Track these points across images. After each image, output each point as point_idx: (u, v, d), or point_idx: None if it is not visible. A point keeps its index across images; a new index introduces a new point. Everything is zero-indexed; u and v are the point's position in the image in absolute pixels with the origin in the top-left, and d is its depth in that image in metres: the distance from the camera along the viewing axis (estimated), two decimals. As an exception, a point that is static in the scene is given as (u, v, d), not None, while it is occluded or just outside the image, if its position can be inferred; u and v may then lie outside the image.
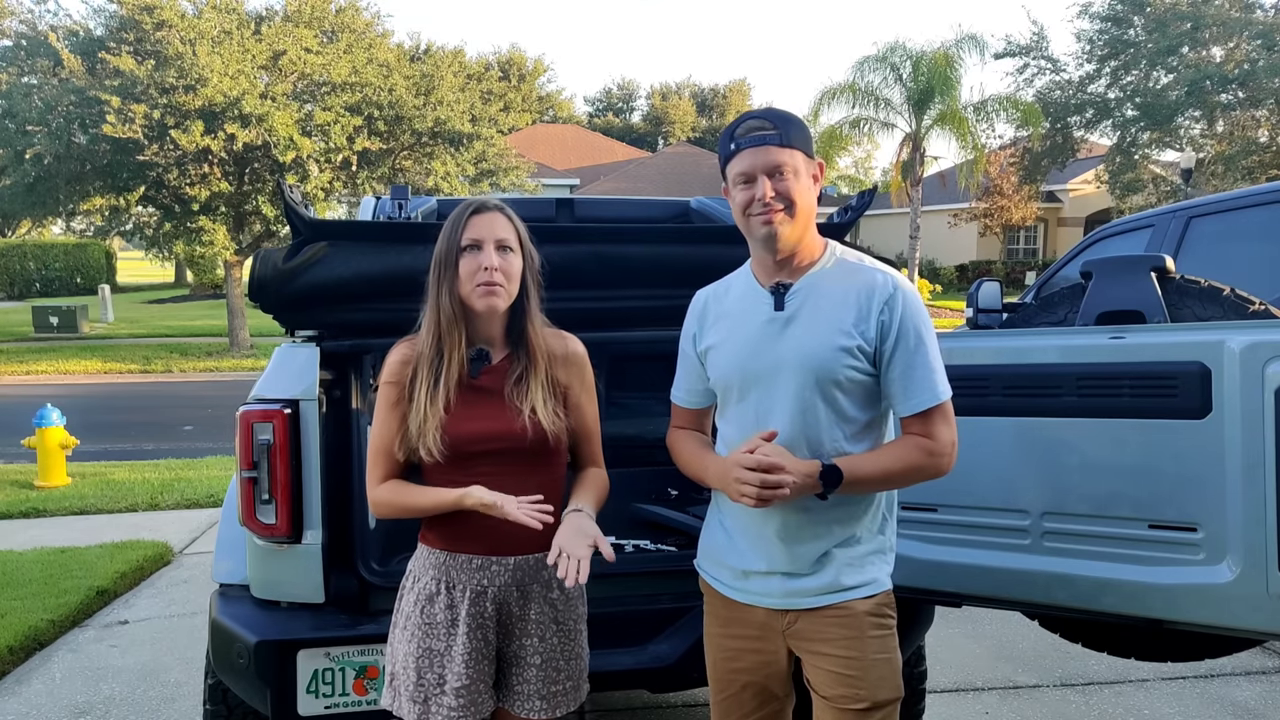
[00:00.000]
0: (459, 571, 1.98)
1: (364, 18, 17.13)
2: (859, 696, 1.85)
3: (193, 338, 19.32)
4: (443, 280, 1.97)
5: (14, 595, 4.73)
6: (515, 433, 1.97)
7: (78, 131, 14.06)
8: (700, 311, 2.05)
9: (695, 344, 2.04)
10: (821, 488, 1.80)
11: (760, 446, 1.80)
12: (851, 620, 1.87)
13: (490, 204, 2.01)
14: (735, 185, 1.88)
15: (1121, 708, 3.62)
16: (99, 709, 3.69)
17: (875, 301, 1.85)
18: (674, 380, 2.12)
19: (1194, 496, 2.08)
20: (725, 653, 2.01)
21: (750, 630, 1.96)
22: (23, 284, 31.76)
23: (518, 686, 2.02)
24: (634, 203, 4.70)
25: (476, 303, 1.96)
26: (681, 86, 57.83)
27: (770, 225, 1.83)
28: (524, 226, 2.04)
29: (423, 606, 1.99)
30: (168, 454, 8.77)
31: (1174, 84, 22.04)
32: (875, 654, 1.87)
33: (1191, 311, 2.50)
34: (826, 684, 1.88)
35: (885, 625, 1.91)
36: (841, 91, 24.48)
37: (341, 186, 16.34)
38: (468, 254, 1.95)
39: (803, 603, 1.90)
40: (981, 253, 32.40)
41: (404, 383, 1.99)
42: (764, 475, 1.76)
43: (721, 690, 2.04)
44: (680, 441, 2.09)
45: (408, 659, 1.98)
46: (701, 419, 2.11)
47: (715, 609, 2.04)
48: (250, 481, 2.36)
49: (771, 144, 1.83)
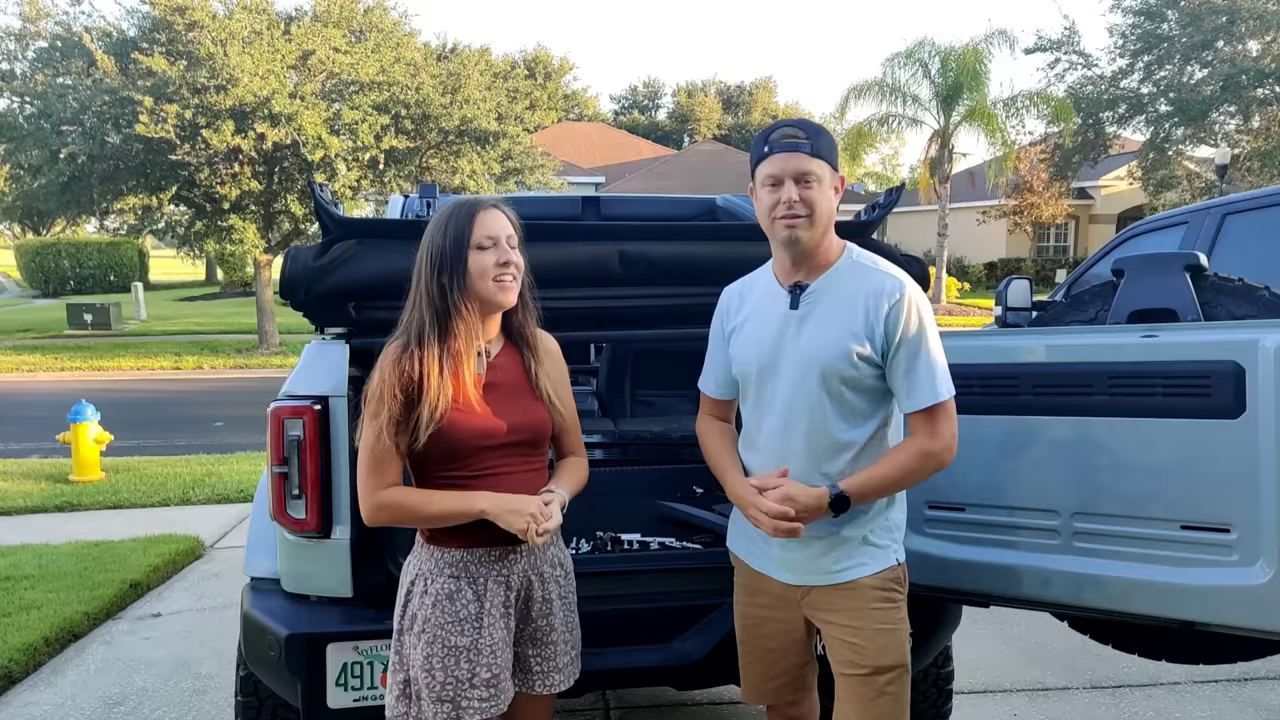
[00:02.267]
0: (479, 565, 2.00)
1: (391, 17, 17.22)
2: (862, 663, 2.01)
3: (223, 335, 19.54)
4: (453, 276, 1.95)
5: (49, 588, 4.82)
6: (522, 425, 2.02)
7: (111, 131, 14.24)
8: (728, 305, 2.20)
9: (723, 335, 2.19)
10: (833, 515, 1.97)
11: (772, 489, 1.98)
12: (857, 593, 2.03)
13: (492, 201, 2.04)
14: (763, 187, 2.01)
15: (1152, 710, 3.57)
16: (132, 700, 3.75)
17: (883, 304, 1.97)
18: (703, 369, 2.25)
19: (1227, 497, 2.05)
20: (750, 619, 2.20)
21: (771, 600, 2.15)
22: (57, 282, 32.25)
23: (537, 666, 2.08)
24: (660, 200, 4.70)
25: (498, 297, 1.98)
26: (707, 84, 57.73)
27: (792, 229, 1.97)
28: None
29: (443, 606, 1.98)
30: (199, 449, 8.88)
31: (1209, 79, 21.66)
32: (878, 624, 2.02)
33: (1226, 310, 2.47)
34: (834, 651, 2.06)
35: (890, 599, 2.05)
36: (869, 88, 24.32)
37: (369, 185, 16.43)
38: (481, 251, 1.96)
39: (815, 579, 2.07)
40: (1011, 250, 32.08)
41: (401, 386, 1.94)
42: (778, 523, 1.95)
43: (747, 654, 2.23)
44: (708, 435, 2.23)
45: (430, 660, 1.97)
46: (728, 408, 2.26)
47: (741, 578, 2.23)
48: (281, 477, 2.39)
49: (802, 151, 1.97)
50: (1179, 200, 23.07)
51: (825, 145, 1.99)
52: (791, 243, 1.98)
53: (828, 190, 1.98)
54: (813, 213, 1.95)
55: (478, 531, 1.99)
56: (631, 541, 2.78)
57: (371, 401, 1.96)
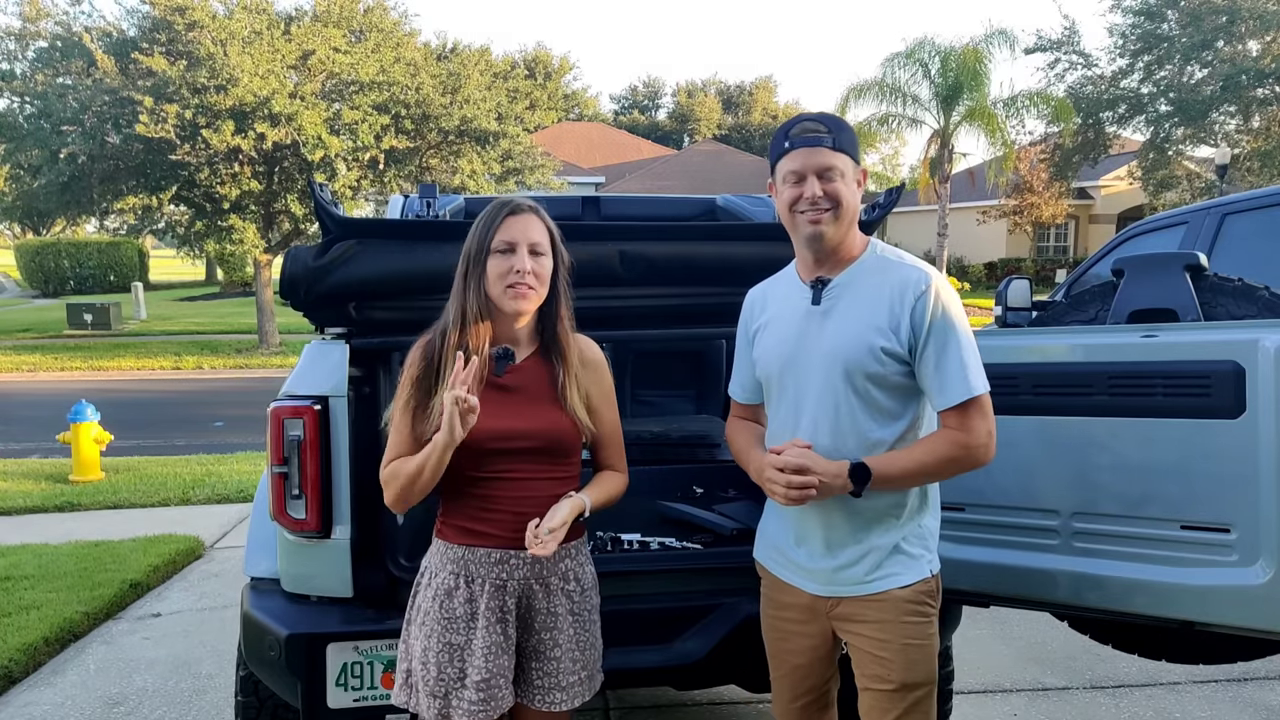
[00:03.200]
0: (478, 565, 1.99)
1: (391, 17, 17.23)
2: (889, 678, 1.93)
3: (223, 335, 19.55)
4: (470, 277, 1.98)
5: (49, 588, 4.82)
6: (539, 431, 1.98)
7: (111, 131, 14.24)
8: (751, 307, 2.15)
9: (748, 338, 2.14)
10: (852, 486, 1.87)
11: (789, 449, 1.89)
12: (888, 606, 1.94)
13: (525, 205, 2.00)
14: (785, 182, 1.96)
15: (1152, 710, 3.57)
16: (132, 700, 3.75)
17: (909, 298, 1.90)
18: (731, 374, 2.21)
19: (1227, 497, 2.05)
20: (777, 633, 2.13)
21: (798, 613, 2.06)
22: (57, 282, 32.24)
23: (537, 680, 2.03)
24: (660, 200, 4.70)
25: (505, 304, 1.97)
26: (707, 84, 57.70)
27: (816, 225, 1.92)
28: (557, 229, 2.04)
29: (441, 601, 1.99)
30: (199, 449, 8.89)
31: (1209, 79, 21.65)
32: (908, 639, 1.94)
33: (1226, 310, 2.46)
34: (860, 664, 1.98)
35: (922, 613, 1.97)
36: (869, 88, 24.29)
37: (369, 185, 16.44)
38: (499, 255, 1.95)
39: (844, 590, 1.97)
40: (1011, 250, 32.07)
41: (420, 375, 1.99)
42: (790, 477, 1.85)
43: (777, 669, 2.15)
44: (735, 432, 2.19)
45: (426, 654, 1.98)
46: (756, 413, 2.19)
47: (768, 590, 2.15)
48: (281, 477, 2.39)
49: (824, 145, 1.91)
50: (1179, 200, 23.06)
51: (847, 139, 1.94)
52: (815, 239, 1.93)
53: (851, 184, 1.93)
54: (837, 207, 1.91)
55: (479, 529, 1.99)
56: (631, 541, 2.78)
57: (399, 387, 2.03)
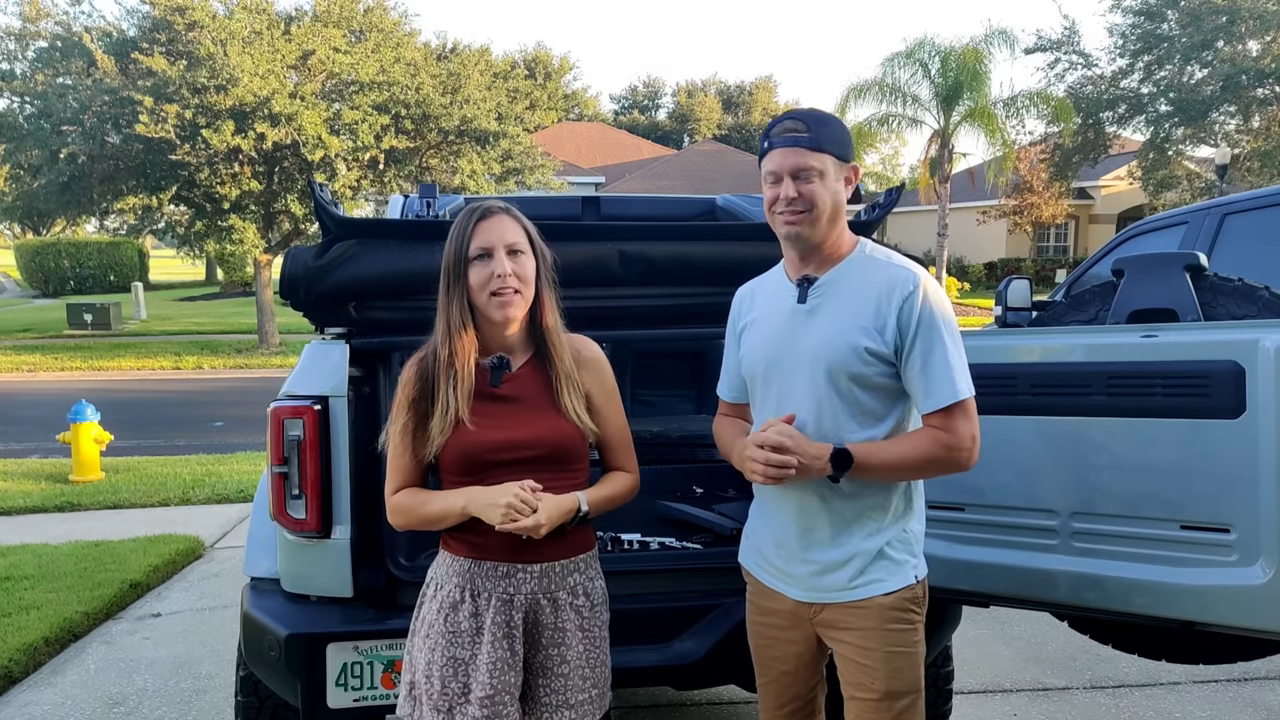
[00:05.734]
0: (484, 579, 1.94)
1: (391, 17, 17.24)
2: (872, 686, 1.91)
3: (223, 335, 19.55)
4: (452, 291, 1.92)
5: (49, 588, 4.82)
6: (541, 439, 1.94)
7: (111, 131, 14.26)
8: (739, 305, 2.14)
9: (735, 336, 2.12)
10: (831, 469, 1.84)
11: (773, 426, 1.86)
12: (872, 613, 1.92)
13: (495, 207, 1.95)
14: (765, 182, 1.95)
15: (1152, 710, 3.57)
16: (132, 699, 3.75)
17: (896, 298, 1.87)
18: (720, 374, 2.20)
19: (1227, 497, 2.05)
20: (762, 639, 2.10)
21: (782, 619, 2.04)
22: (57, 282, 32.23)
23: (545, 697, 1.98)
24: (660, 200, 4.70)
25: (493, 313, 1.92)
26: (707, 84, 57.69)
27: (791, 226, 1.91)
28: (533, 226, 1.99)
29: (446, 614, 1.95)
30: (199, 449, 8.89)
31: (1209, 79, 21.65)
32: (892, 646, 1.91)
33: (1226, 310, 2.46)
34: (845, 672, 1.96)
35: (907, 620, 1.94)
36: (869, 88, 24.28)
37: (369, 185, 16.45)
38: (478, 263, 1.90)
39: (827, 597, 1.95)
40: (1011, 250, 32.06)
41: (416, 397, 1.95)
42: (770, 454, 1.82)
43: (762, 675, 2.13)
44: (720, 427, 2.18)
45: (430, 667, 1.94)
46: (744, 412, 2.17)
47: (753, 596, 2.12)
48: (281, 477, 2.39)
49: (802, 146, 1.88)
50: (1179, 200, 23.05)
51: (828, 136, 1.89)
52: (791, 239, 1.92)
53: (831, 184, 1.89)
54: (812, 209, 1.87)
55: (484, 541, 1.93)
56: (631, 541, 2.78)
57: (394, 408, 1.99)
